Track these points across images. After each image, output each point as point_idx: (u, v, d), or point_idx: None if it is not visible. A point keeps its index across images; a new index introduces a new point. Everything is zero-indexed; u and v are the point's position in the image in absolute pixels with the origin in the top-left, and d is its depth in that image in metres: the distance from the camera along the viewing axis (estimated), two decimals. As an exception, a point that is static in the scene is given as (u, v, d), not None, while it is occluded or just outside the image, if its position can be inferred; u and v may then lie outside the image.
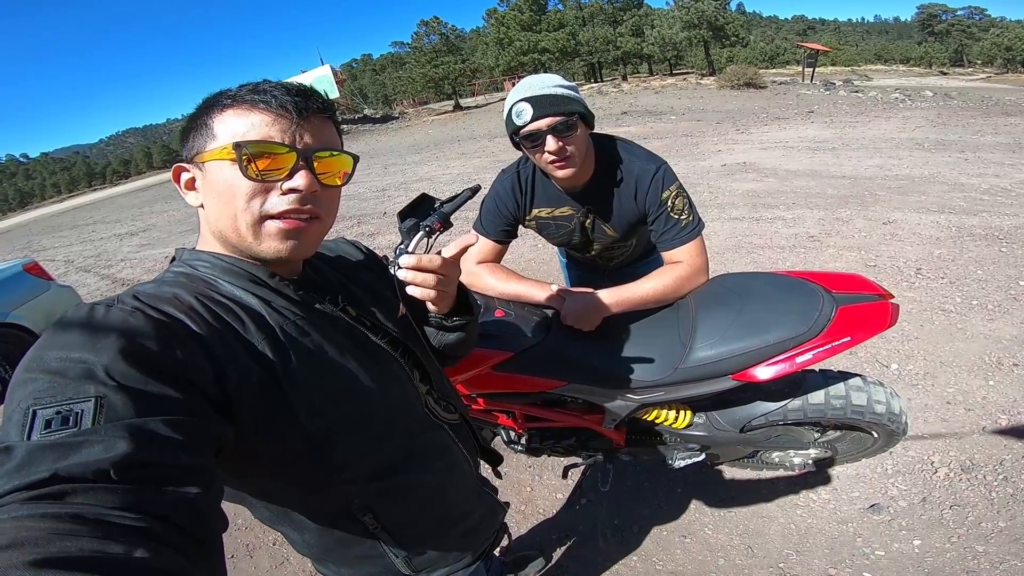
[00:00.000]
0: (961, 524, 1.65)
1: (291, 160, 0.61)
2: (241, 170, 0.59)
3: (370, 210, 8.16)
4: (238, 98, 0.62)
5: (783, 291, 1.28)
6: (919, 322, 2.79)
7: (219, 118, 0.62)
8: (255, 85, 0.63)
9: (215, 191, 0.62)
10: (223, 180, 0.61)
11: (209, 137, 0.62)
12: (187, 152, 0.65)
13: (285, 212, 0.61)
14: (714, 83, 23.30)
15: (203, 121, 0.63)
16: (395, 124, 29.09)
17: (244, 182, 0.60)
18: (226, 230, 0.63)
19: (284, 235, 0.62)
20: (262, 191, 0.61)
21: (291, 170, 0.61)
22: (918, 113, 11.20)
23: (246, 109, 0.61)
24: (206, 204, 0.65)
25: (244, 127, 0.60)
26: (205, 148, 0.62)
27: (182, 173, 0.66)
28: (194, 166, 0.64)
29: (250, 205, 0.61)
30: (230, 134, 0.61)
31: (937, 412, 2.14)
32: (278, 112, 0.61)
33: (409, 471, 0.76)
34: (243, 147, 0.58)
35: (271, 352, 0.60)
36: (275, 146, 0.60)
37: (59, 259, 10.38)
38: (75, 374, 0.45)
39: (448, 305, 0.83)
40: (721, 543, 1.73)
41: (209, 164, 0.62)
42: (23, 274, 4.53)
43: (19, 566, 0.33)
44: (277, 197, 0.61)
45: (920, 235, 3.98)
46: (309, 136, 0.63)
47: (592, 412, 1.48)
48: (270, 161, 0.60)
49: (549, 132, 1.20)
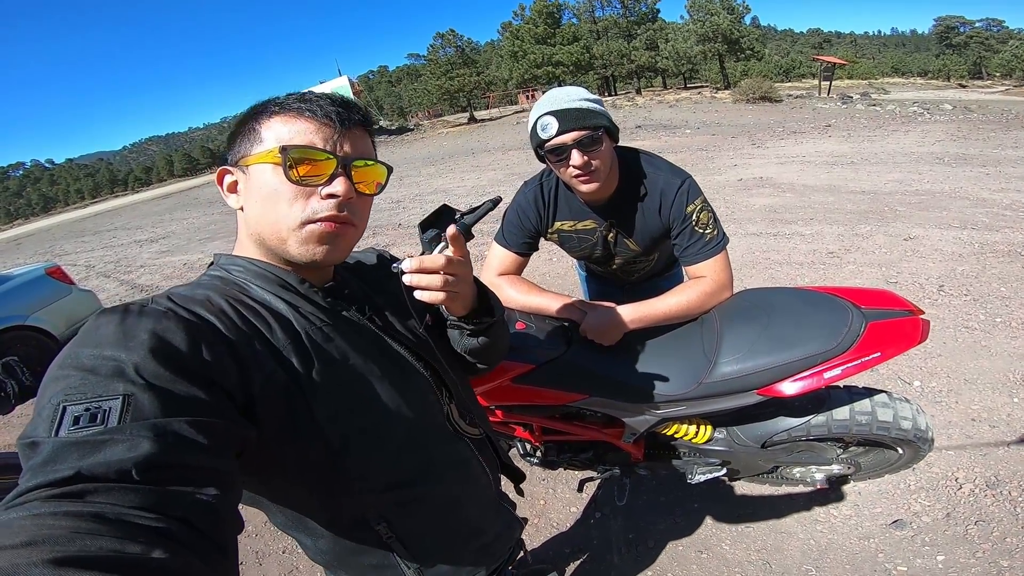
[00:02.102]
0: (986, 539, 1.62)
1: (331, 166, 0.63)
2: (284, 173, 0.61)
3: (385, 221, 8.24)
4: (285, 106, 0.64)
5: (811, 306, 1.27)
6: (942, 340, 2.74)
7: (266, 124, 0.64)
8: (302, 94, 0.66)
9: (258, 194, 0.64)
10: (266, 183, 0.63)
11: (255, 142, 0.64)
12: (233, 156, 0.67)
13: (325, 217, 0.63)
14: (729, 97, 23.29)
15: (250, 127, 0.65)
16: (410, 136, 29.43)
17: (287, 186, 0.62)
18: (265, 232, 0.65)
19: (322, 238, 0.64)
20: (303, 195, 0.63)
21: (330, 176, 0.63)
22: (937, 127, 11.07)
23: (292, 116, 0.64)
24: (247, 207, 0.67)
25: (289, 133, 0.63)
26: (251, 152, 0.64)
27: (226, 176, 0.68)
28: (238, 169, 0.67)
29: (292, 209, 0.63)
30: (275, 139, 0.63)
31: (961, 429, 2.10)
32: (323, 121, 0.64)
33: (427, 482, 0.75)
34: (288, 151, 0.61)
35: (296, 357, 0.61)
36: (317, 152, 0.63)
37: (80, 264, 10.62)
38: (106, 371, 0.46)
39: (464, 307, 0.78)
40: (738, 559, 1.71)
41: (253, 168, 0.64)
42: (45, 278, 4.63)
43: (38, 564, 0.33)
44: (317, 202, 0.63)
45: (942, 251, 3.92)
46: (349, 145, 0.65)
47: (611, 426, 1.48)
48: (311, 167, 0.62)
49: (574, 146, 1.20)
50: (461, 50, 36.64)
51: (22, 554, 0.34)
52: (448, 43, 36.39)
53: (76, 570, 0.34)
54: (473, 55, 37.86)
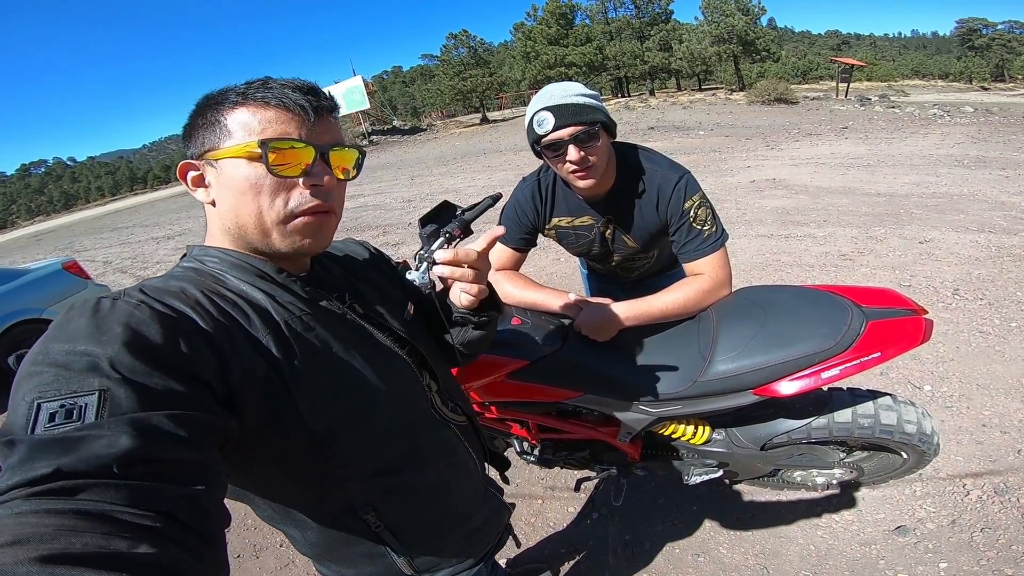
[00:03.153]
0: (991, 547, 1.58)
1: (310, 156, 0.62)
2: (267, 167, 0.60)
3: (395, 220, 8.29)
4: (249, 95, 0.62)
5: (809, 304, 1.24)
6: (955, 344, 2.68)
7: (232, 115, 0.61)
8: (263, 82, 0.63)
9: (234, 188, 0.62)
10: (242, 177, 0.61)
11: (223, 135, 0.61)
12: (195, 149, 0.64)
13: (309, 209, 0.63)
14: (744, 98, 23.05)
15: (213, 119, 0.62)
16: (423, 136, 29.56)
17: (268, 179, 0.60)
18: (247, 226, 0.63)
19: (308, 230, 0.64)
20: (284, 188, 0.62)
21: (311, 166, 0.62)
22: (957, 129, 10.85)
23: (259, 107, 0.61)
24: (220, 201, 0.64)
25: (260, 124, 0.60)
26: (220, 145, 0.61)
27: (189, 171, 0.65)
28: (205, 163, 0.64)
29: (275, 202, 0.62)
30: (245, 131, 0.61)
31: (972, 435, 2.05)
32: (294, 110, 0.62)
33: (413, 469, 0.75)
34: (267, 143, 0.59)
35: (275, 347, 0.60)
36: (297, 143, 0.61)
37: (98, 260, 10.81)
38: (80, 367, 0.45)
39: (479, 300, 0.83)
40: (736, 563, 1.68)
41: (224, 162, 0.62)
42: (62, 272, 4.70)
43: (24, 562, 0.33)
44: (300, 194, 0.62)
45: (958, 255, 3.83)
46: (323, 133, 0.64)
47: (607, 424, 1.46)
48: (291, 158, 0.61)
49: (571, 142, 1.19)
50: (474, 51, 36.68)
51: (8, 553, 0.33)
52: (461, 44, 36.47)
53: (63, 567, 0.34)
54: (486, 56, 37.86)
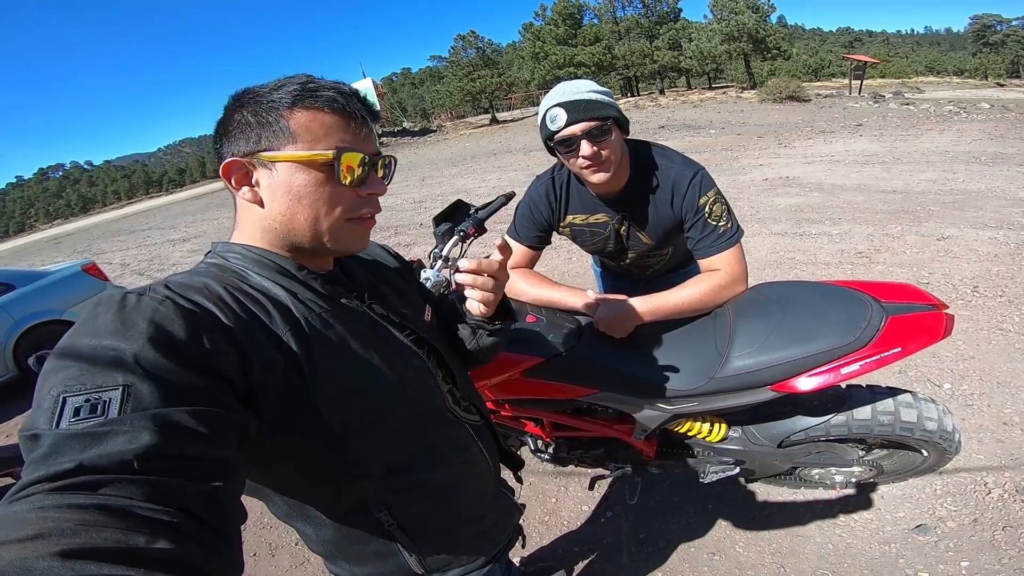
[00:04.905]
0: (1013, 546, 1.57)
1: (367, 165, 0.65)
2: (338, 177, 0.62)
3: (407, 221, 8.33)
4: (307, 97, 0.61)
5: (828, 299, 1.23)
6: (975, 342, 2.63)
7: (292, 118, 0.60)
8: (315, 83, 0.62)
9: (292, 193, 0.62)
10: (304, 183, 0.61)
11: (284, 137, 0.60)
12: (244, 147, 0.61)
13: (366, 214, 0.67)
14: (755, 96, 22.83)
15: (268, 119, 0.60)
16: (433, 137, 29.63)
17: (338, 188, 0.63)
18: (299, 230, 0.64)
19: (363, 234, 0.69)
20: (345, 195, 0.64)
21: (368, 175, 0.66)
22: (974, 126, 10.65)
23: (319, 111, 0.61)
24: (270, 202, 0.63)
25: (323, 129, 0.61)
26: (280, 148, 0.60)
27: (235, 169, 0.62)
28: (257, 163, 0.62)
29: (334, 210, 0.64)
30: (310, 136, 0.60)
31: (993, 433, 2.02)
32: (351, 117, 0.63)
33: (426, 468, 0.76)
34: (340, 155, 0.61)
35: (295, 344, 0.60)
36: (361, 155, 0.64)
37: (116, 262, 10.99)
38: (105, 361, 0.46)
39: (492, 309, 0.86)
40: (752, 562, 1.67)
41: (282, 165, 0.61)
42: (81, 274, 4.82)
43: (46, 556, 0.33)
44: (356, 200, 0.66)
45: (977, 252, 3.77)
46: (371, 141, 0.67)
47: (623, 422, 1.45)
48: (355, 168, 0.63)
49: (583, 137, 1.19)
50: (482, 52, 36.71)
51: (29, 547, 0.34)
52: (469, 45, 36.52)
53: (83, 562, 0.34)
54: (494, 56, 37.86)
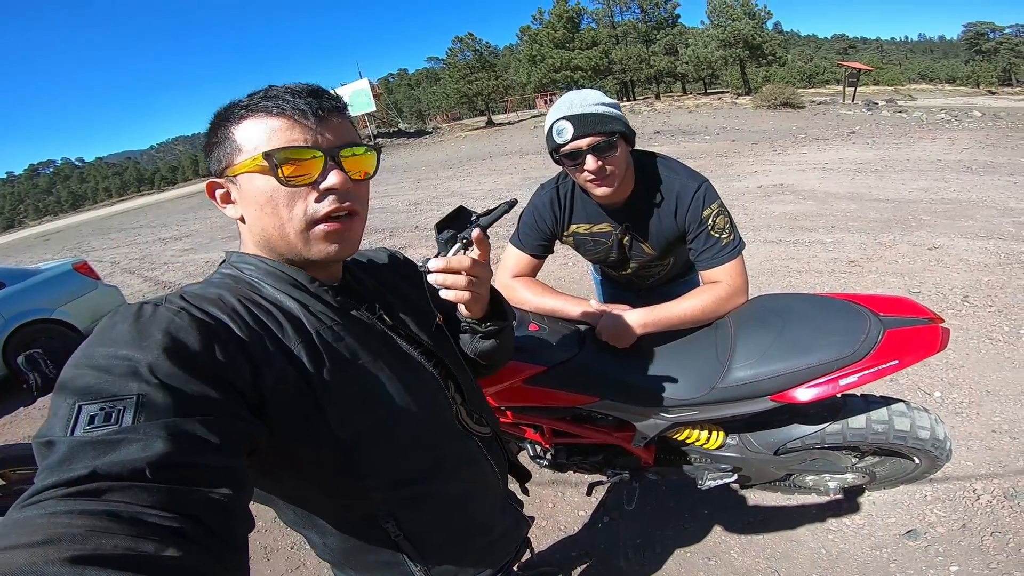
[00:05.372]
0: (1001, 550, 1.60)
1: (320, 162, 0.62)
2: (276, 178, 0.60)
3: (402, 223, 8.33)
4: (252, 107, 0.62)
5: (827, 312, 1.26)
6: (965, 351, 2.68)
7: (238, 129, 0.62)
8: (265, 92, 0.63)
9: (254, 203, 0.63)
10: (259, 190, 0.62)
11: (234, 150, 0.62)
12: (215, 167, 0.65)
13: (328, 214, 0.63)
14: (750, 103, 23.00)
15: (223, 135, 0.63)
16: (429, 139, 29.62)
17: (282, 190, 0.61)
18: (274, 239, 0.64)
19: (331, 237, 0.64)
20: (300, 196, 0.62)
21: (322, 171, 0.62)
22: (965, 134, 10.81)
23: (262, 117, 0.61)
24: (247, 216, 0.65)
25: (265, 134, 0.61)
26: (233, 161, 0.62)
27: (216, 189, 0.67)
28: (226, 180, 0.65)
29: (293, 212, 0.62)
30: (252, 144, 0.61)
31: (982, 441, 2.06)
32: (295, 116, 0.61)
33: (436, 480, 0.76)
34: (272, 155, 0.59)
35: (307, 356, 0.61)
36: (302, 150, 0.61)
37: (106, 260, 10.91)
38: (120, 371, 0.47)
39: (481, 309, 0.81)
40: (747, 566, 1.69)
41: (241, 177, 0.62)
42: (72, 272, 4.75)
43: (55, 562, 0.34)
44: (316, 200, 0.63)
45: (967, 261, 3.83)
46: (330, 134, 0.63)
47: (622, 429, 1.47)
48: (299, 166, 0.61)
49: (589, 152, 1.21)
50: (479, 54, 36.72)
51: (39, 552, 0.34)
52: (467, 47, 36.52)
53: (92, 568, 0.35)
54: (492, 59, 37.85)
